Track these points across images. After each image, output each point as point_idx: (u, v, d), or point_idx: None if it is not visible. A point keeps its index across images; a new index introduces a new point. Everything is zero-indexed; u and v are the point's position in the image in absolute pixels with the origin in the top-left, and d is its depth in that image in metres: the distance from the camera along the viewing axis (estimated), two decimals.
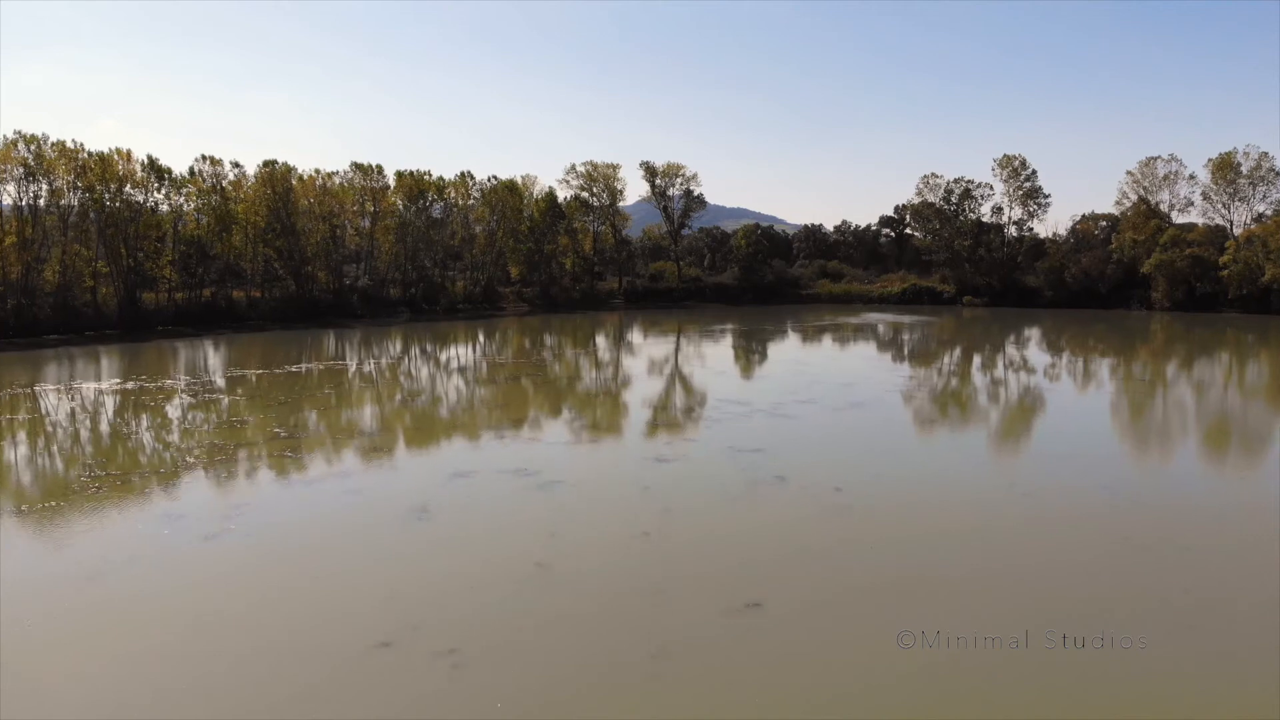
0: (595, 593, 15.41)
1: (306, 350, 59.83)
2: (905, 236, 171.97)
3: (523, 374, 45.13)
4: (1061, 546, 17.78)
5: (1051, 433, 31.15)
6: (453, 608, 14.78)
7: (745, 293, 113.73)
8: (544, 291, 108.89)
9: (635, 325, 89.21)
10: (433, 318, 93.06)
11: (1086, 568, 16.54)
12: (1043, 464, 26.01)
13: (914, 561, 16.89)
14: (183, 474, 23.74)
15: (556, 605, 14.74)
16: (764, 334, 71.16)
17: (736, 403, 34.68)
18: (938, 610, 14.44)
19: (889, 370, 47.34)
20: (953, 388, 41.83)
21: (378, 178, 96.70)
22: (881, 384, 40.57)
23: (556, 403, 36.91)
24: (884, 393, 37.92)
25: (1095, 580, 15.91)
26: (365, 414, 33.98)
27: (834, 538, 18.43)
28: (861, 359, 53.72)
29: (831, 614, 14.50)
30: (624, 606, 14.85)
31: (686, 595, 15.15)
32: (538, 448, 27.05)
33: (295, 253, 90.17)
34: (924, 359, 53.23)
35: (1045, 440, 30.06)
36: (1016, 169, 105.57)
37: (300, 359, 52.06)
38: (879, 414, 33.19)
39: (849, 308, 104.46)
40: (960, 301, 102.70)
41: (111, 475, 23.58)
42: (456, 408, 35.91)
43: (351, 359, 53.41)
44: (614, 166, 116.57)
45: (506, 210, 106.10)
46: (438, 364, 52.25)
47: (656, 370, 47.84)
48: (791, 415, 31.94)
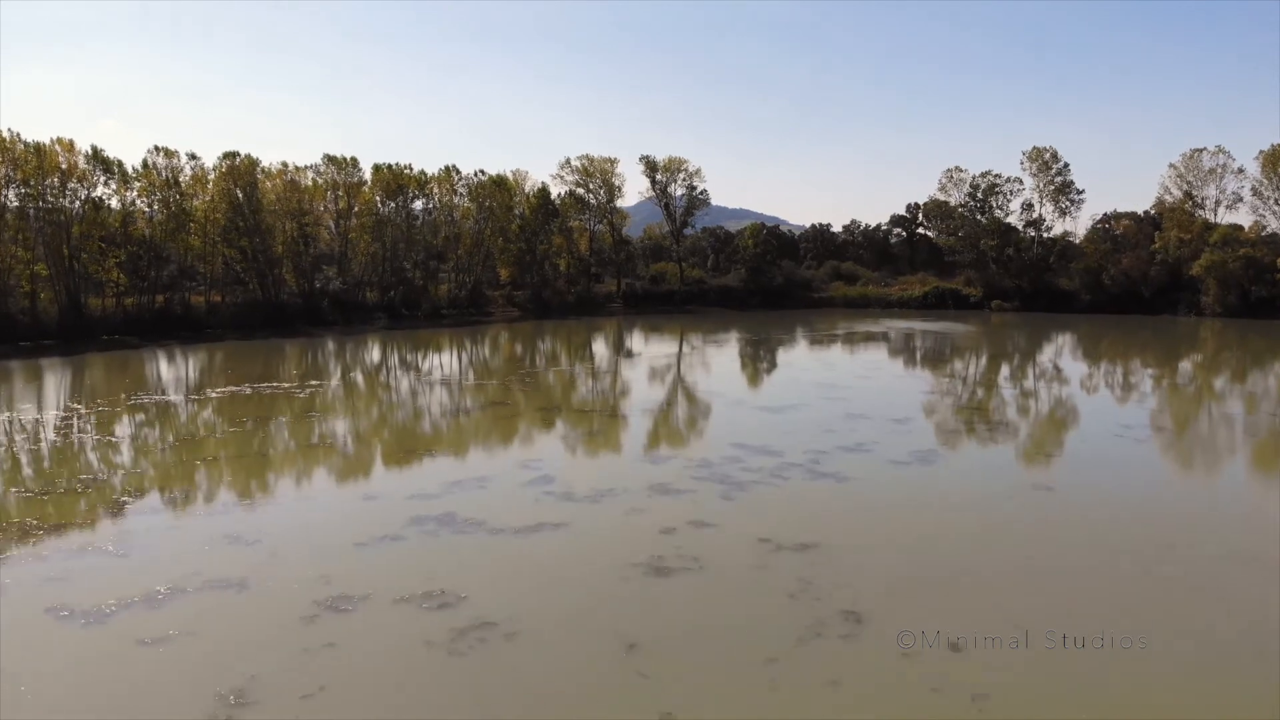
0: None
1: (264, 364, 50.79)
2: (918, 236, 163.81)
3: (496, 401, 36.03)
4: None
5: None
6: None
7: (752, 296, 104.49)
8: (536, 295, 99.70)
9: (634, 332, 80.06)
10: (413, 324, 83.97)
11: None
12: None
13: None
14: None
15: None
16: (778, 345, 62.02)
17: (761, 450, 25.51)
18: None
19: (944, 395, 38.04)
20: (1046, 428, 32.52)
21: (353, 171, 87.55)
22: (945, 419, 31.39)
23: (524, 448, 27.76)
24: (955, 434, 28.77)
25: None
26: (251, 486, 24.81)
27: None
28: (904, 380, 44.43)
29: None
30: None
31: None
32: (470, 544, 17.78)
33: (261, 254, 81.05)
34: (985, 384, 43.69)
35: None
36: (1047, 162, 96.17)
37: (252, 376, 42.93)
38: (963, 471, 24.00)
39: (866, 313, 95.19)
40: (988, 306, 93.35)
41: None
42: (373, 469, 26.74)
43: (310, 378, 44.19)
44: (612, 161, 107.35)
45: (495, 207, 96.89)
46: (401, 387, 43.10)
47: (657, 397, 38.65)
48: (839, 474, 22.79)
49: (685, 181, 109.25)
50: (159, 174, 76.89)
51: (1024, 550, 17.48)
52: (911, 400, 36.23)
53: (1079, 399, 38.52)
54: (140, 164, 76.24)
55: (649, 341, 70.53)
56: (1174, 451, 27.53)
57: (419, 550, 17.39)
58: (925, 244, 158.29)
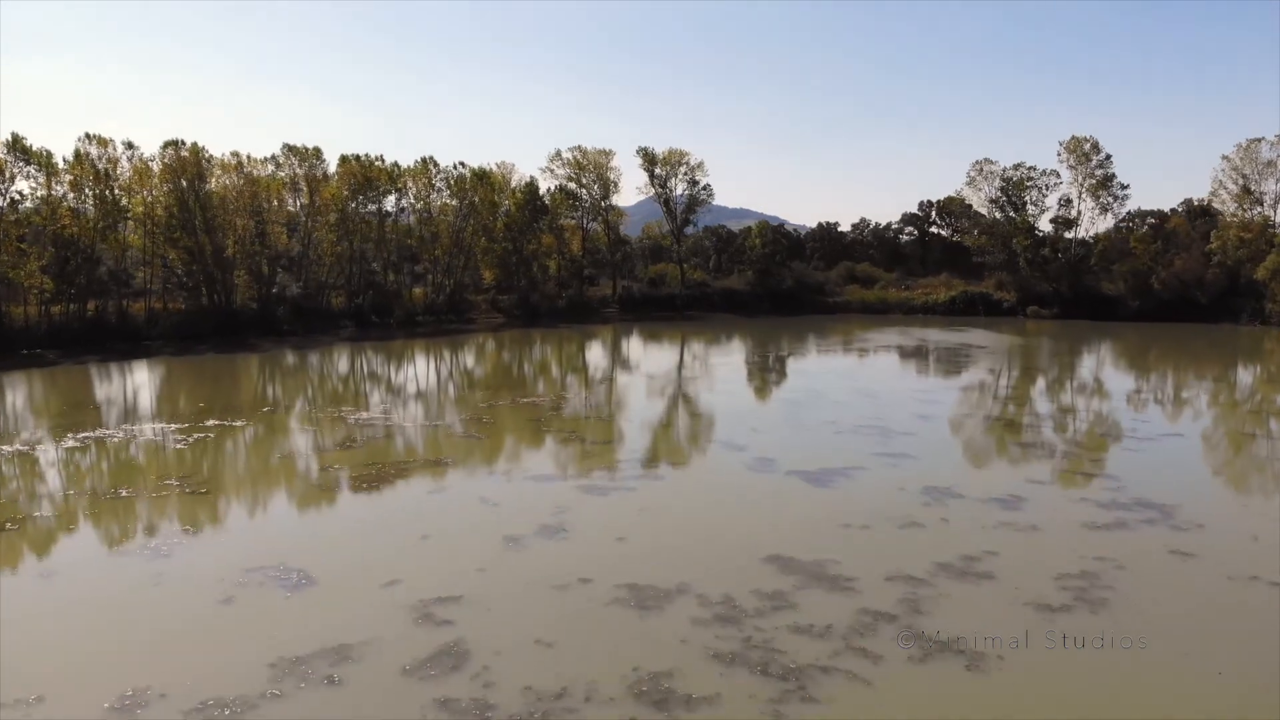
0: None
1: (199, 386, 40.99)
2: (932, 235, 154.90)
3: (448, 457, 26.17)
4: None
5: None
6: None
7: (760, 301, 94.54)
8: (523, 299, 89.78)
9: (630, 340, 70.23)
10: (384, 333, 74.12)
11: None
12: None
13: None
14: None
15: None
16: (797, 361, 52.12)
17: (815, 575, 15.52)
18: None
19: (1056, 455, 27.75)
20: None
21: (316, 163, 77.63)
22: (1080, 503, 21.43)
23: (457, 563, 17.87)
24: (1116, 532, 18.82)
25: None
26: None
27: None
28: (977, 421, 34.10)
29: None
30: None
31: None
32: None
33: (209, 255, 71.17)
34: (1101, 427, 33.65)
35: None
36: (1087, 153, 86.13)
37: (168, 408, 33.13)
38: (1171, 631, 14.14)
39: (887, 320, 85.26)
40: (1023, 313, 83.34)
41: None
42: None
43: (228, 412, 34.24)
44: (606, 153, 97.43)
45: (478, 203, 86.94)
46: (351, 424, 33.16)
47: (648, 453, 28.69)
48: (961, 641, 12.89)
49: (687, 176, 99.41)
50: (92, 165, 67.03)
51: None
52: (1009, 463, 26.22)
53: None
54: (73, 154, 66.41)
55: (645, 354, 60.68)
56: None
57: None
58: (939, 243, 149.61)
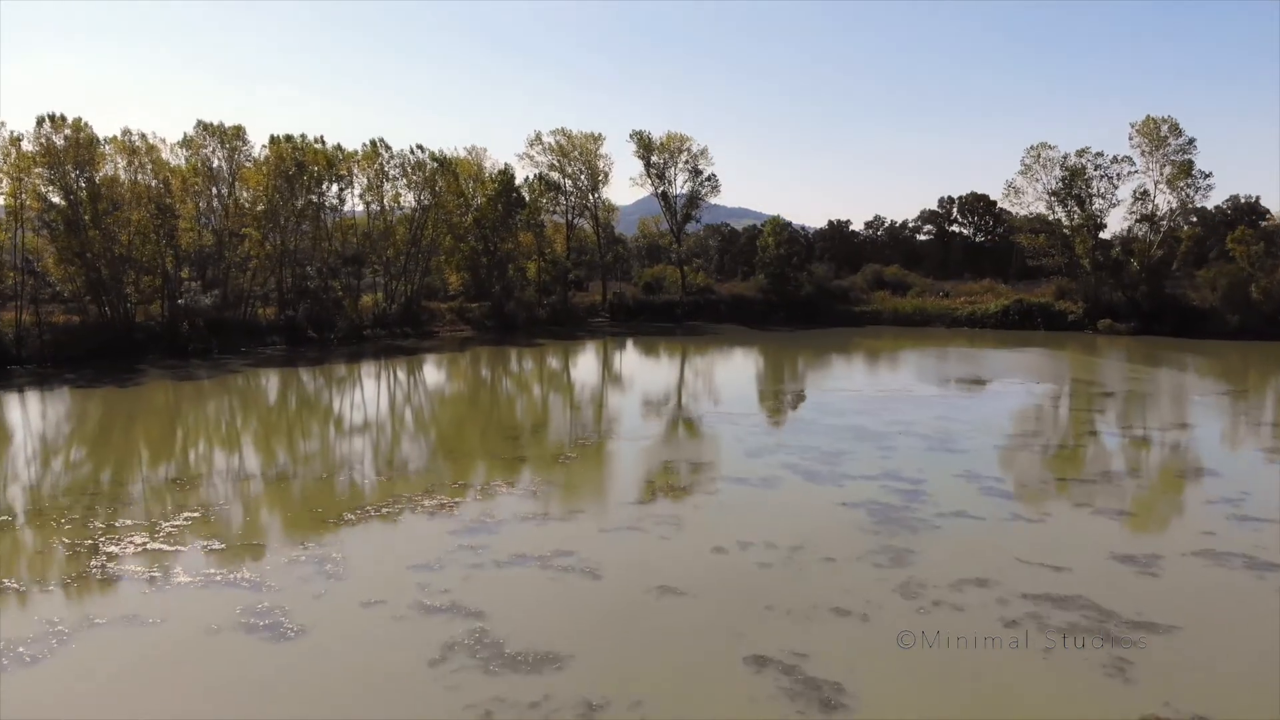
0: None
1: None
2: (952, 234, 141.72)
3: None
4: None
5: None
6: None
7: (774, 310, 79.62)
8: (496, 308, 74.84)
9: (620, 362, 55.28)
10: (322, 350, 59.28)
11: None
12: None
13: None
14: None
15: None
16: (844, 412, 36.92)
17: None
18: None
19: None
20: None
21: (235, 144, 62.61)
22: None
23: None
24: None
25: None
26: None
27: None
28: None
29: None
30: None
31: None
32: None
33: (99, 256, 56.25)
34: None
35: None
36: (1164, 136, 71.23)
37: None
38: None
39: (929, 334, 70.41)
40: (1092, 326, 68.41)
41: None
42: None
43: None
44: (595, 137, 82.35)
45: (442, 194, 71.99)
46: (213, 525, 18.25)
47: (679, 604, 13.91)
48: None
49: (688, 165, 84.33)
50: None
51: None
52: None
53: None
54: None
55: (639, 379, 45.61)
56: None
57: None
58: (961, 243, 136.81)
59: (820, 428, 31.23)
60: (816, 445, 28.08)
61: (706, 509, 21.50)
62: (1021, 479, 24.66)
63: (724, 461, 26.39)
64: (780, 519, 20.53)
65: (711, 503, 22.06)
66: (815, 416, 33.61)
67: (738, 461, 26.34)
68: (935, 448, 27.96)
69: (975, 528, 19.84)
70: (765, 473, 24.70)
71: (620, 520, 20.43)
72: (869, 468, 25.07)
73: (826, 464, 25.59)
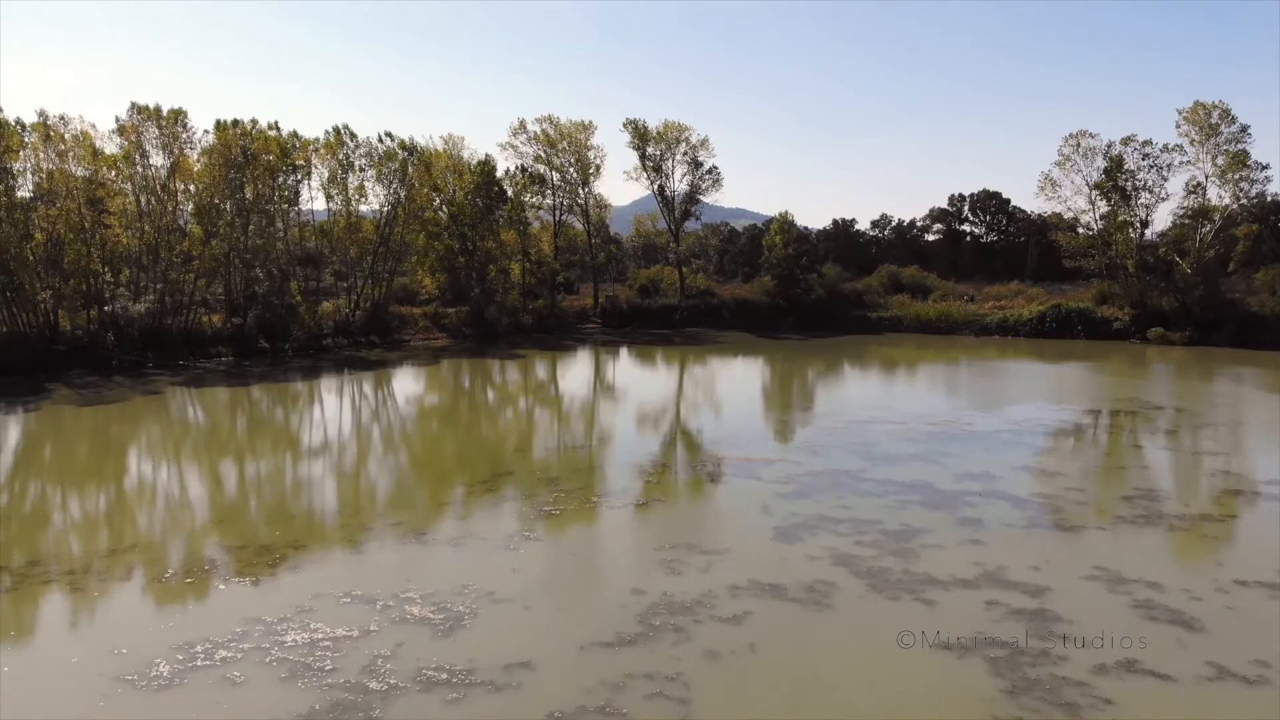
0: None
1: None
2: (961, 234, 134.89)
3: None
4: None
5: None
6: None
7: (782, 315, 71.68)
8: (475, 314, 66.89)
9: (610, 378, 47.29)
10: (276, 364, 51.31)
11: None
12: None
13: None
14: None
15: None
16: (881, 430, 28.73)
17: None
18: None
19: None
20: None
21: (175, 129, 54.53)
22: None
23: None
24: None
25: None
26: None
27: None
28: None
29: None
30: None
31: None
32: None
33: (11, 257, 48.27)
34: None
35: None
36: (1215, 124, 63.39)
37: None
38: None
39: (957, 343, 62.51)
40: (1141, 335, 60.47)
41: None
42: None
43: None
44: (585, 125, 74.53)
45: (413, 189, 63.98)
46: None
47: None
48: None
49: (687, 157, 76.35)
50: None
51: None
52: None
53: None
54: None
55: (625, 409, 37.66)
56: None
57: None
58: (973, 243, 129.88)
59: (871, 485, 23.27)
60: (873, 517, 20.16)
61: (726, 664, 13.45)
62: (1191, 585, 16.61)
63: (745, 549, 18.41)
64: (849, 684, 12.62)
65: (734, 642, 14.06)
66: (860, 465, 25.61)
67: (764, 548, 18.40)
68: (1039, 523, 20.06)
69: (1168, 697, 11.95)
70: (808, 573, 16.77)
71: (585, 689, 12.46)
72: (959, 564, 17.16)
73: (896, 555, 17.67)
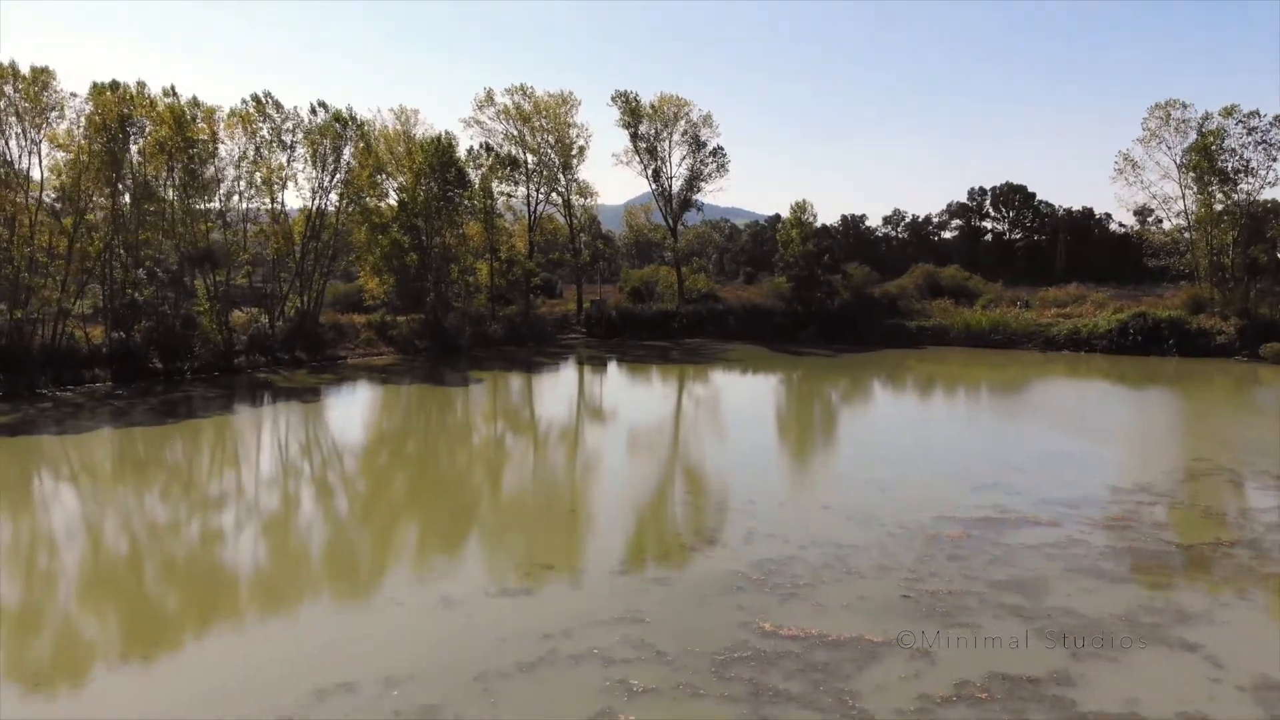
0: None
1: None
2: (980, 230, 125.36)
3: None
4: None
5: None
6: None
7: (799, 323, 59.47)
8: (431, 323, 54.70)
9: (593, 406, 34.79)
10: (172, 392, 39.06)
11: None
12: None
13: None
14: None
15: None
16: (1004, 540, 16.44)
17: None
18: None
19: None
20: None
21: (39, 91, 42.10)
22: None
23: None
24: None
25: None
26: None
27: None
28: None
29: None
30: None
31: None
32: None
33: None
34: None
35: None
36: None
37: None
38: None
39: (1019, 359, 50.33)
40: (1252, 352, 48.22)
41: None
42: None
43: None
44: (566, 99, 62.32)
45: (351, 171, 51.70)
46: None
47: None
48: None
49: (687, 136, 64.15)
50: None
51: None
52: None
53: None
54: None
55: (607, 480, 24.89)
56: None
57: None
58: (994, 241, 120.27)
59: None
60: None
61: None
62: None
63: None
64: None
65: None
66: (1051, 657, 13.50)
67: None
68: None
69: None
70: None
71: None
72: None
73: None
